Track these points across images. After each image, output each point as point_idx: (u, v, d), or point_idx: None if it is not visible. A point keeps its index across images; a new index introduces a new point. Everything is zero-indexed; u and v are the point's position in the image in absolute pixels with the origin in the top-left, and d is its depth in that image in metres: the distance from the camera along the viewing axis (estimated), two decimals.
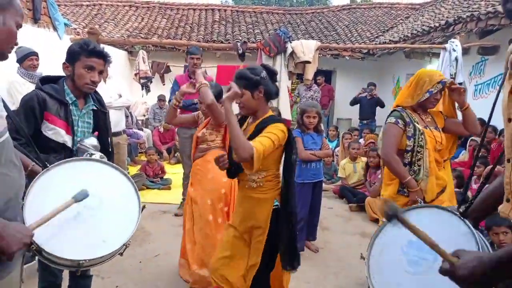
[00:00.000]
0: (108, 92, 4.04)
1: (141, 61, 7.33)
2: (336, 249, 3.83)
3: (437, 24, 7.32)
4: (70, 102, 2.06)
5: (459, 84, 5.65)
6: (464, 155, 5.56)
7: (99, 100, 2.24)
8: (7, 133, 1.25)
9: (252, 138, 1.94)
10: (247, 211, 2.15)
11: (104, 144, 2.23)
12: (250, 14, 13.15)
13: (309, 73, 5.90)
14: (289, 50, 5.52)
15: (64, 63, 2.06)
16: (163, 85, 8.61)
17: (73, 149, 2.07)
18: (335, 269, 3.39)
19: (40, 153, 1.67)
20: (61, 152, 2.02)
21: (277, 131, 1.95)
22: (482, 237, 1.25)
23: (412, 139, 2.38)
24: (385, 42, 9.46)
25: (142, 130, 8.16)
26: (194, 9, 13.21)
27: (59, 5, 7.48)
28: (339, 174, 5.91)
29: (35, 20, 5.34)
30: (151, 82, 7.65)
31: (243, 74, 2.06)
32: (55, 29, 5.84)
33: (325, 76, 9.59)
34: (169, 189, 5.75)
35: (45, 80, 2.11)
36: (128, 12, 12.58)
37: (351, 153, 5.74)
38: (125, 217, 1.63)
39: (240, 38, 9.86)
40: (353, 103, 8.53)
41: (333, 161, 6.49)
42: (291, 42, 5.61)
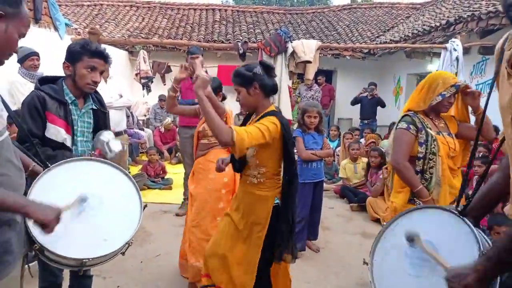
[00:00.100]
0: (109, 92, 4.05)
1: (142, 61, 7.33)
2: (337, 249, 3.83)
3: (438, 24, 7.31)
4: (70, 101, 2.07)
5: None
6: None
7: (99, 100, 2.25)
8: (6, 133, 1.25)
9: None
10: (247, 207, 2.16)
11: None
12: (250, 14, 13.15)
13: (310, 73, 5.90)
14: (290, 50, 5.52)
15: (64, 62, 2.06)
16: (164, 85, 8.63)
17: (72, 148, 2.08)
18: (336, 269, 3.39)
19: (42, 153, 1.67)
20: (60, 151, 2.02)
21: (267, 122, 1.95)
22: (483, 234, 1.25)
23: (424, 145, 2.27)
24: (386, 42, 9.45)
25: (143, 130, 8.17)
26: (194, 9, 13.21)
27: (60, 5, 7.49)
28: (340, 174, 5.91)
29: (36, 20, 5.34)
30: (152, 82, 7.65)
31: (237, 71, 2.09)
32: (56, 29, 5.84)
33: (325, 76, 9.57)
34: (170, 189, 5.75)
35: (44, 81, 2.12)
36: (129, 12, 12.59)
37: (351, 154, 5.73)
38: (126, 216, 1.64)
39: (240, 38, 9.85)
40: (354, 103, 8.52)
41: (334, 161, 6.49)
42: (291, 42, 5.61)
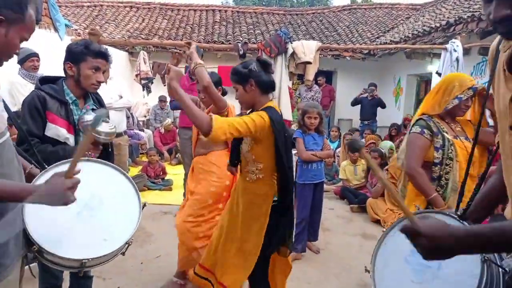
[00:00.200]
0: (109, 93, 4.04)
1: (142, 62, 7.33)
2: (337, 250, 3.82)
3: (438, 25, 7.31)
4: (70, 101, 2.07)
5: None
6: None
7: (98, 100, 2.25)
8: (8, 134, 1.25)
9: None
10: (247, 203, 2.17)
11: (104, 145, 2.23)
12: (250, 14, 13.16)
13: (310, 74, 5.89)
14: (289, 51, 5.51)
15: (67, 63, 2.05)
16: (164, 86, 8.60)
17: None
18: (336, 270, 3.39)
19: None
20: (60, 145, 2.02)
21: (254, 115, 1.95)
22: None
23: (440, 150, 2.16)
24: (386, 43, 9.46)
25: (143, 131, 8.17)
26: (194, 10, 13.22)
27: (60, 6, 7.49)
28: (340, 175, 5.90)
29: (36, 21, 5.33)
30: (152, 83, 7.65)
31: (234, 69, 2.11)
32: (56, 30, 5.85)
33: (326, 76, 9.58)
34: (170, 190, 5.75)
35: (44, 81, 2.11)
36: (129, 13, 12.60)
37: (350, 155, 5.73)
38: (126, 216, 1.64)
39: (240, 38, 9.86)
40: (354, 104, 8.53)
41: (334, 162, 6.48)
42: (291, 43, 5.60)
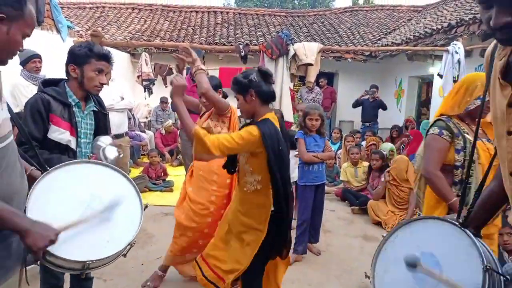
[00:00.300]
0: (110, 95, 4.06)
1: (144, 63, 7.33)
2: (338, 251, 3.82)
3: (439, 27, 7.31)
4: (73, 103, 2.08)
5: None
6: None
7: (99, 102, 2.26)
8: (11, 137, 1.25)
9: None
10: (245, 212, 2.16)
11: None
12: (252, 16, 13.18)
13: (311, 76, 5.89)
14: (291, 53, 5.52)
15: (70, 65, 2.06)
16: (166, 87, 8.62)
17: (76, 150, 2.08)
18: (337, 271, 3.39)
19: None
20: (64, 153, 2.03)
21: (244, 132, 1.97)
22: (486, 246, 1.23)
23: (462, 152, 2.04)
24: (388, 45, 9.46)
25: (144, 132, 8.19)
26: (196, 12, 13.25)
27: (62, 7, 7.51)
28: (341, 177, 5.90)
29: (39, 23, 5.36)
30: (153, 84, 7.66)
31: (235, 79, 2.12)
32: (58, 31, 5.87)
33: (327, 78, 9.58)
34: (171, 191, 5.75)
35: (47, 83, 2.12)
36: (131, 14, 12.63)
37: (351, 158, 5.72)
38: (127, 218, 1.64)
39: (242, 40, 9.87)
40: (355, 106, 8.52)
41: (335, 163, 6.48)
42: (293, 45, 5.61)
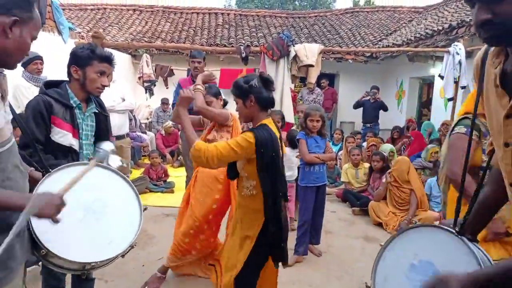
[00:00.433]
0: (111, 96, 4.07)
1: (145, 64, 7.36)
2: (339, 253, 3.82)
3: (440, 28, 7.31)
4: (75, 105, 2.08)
5: (463, 88, 5.68)
6: None
7: (99, 103, 2.27)
8: (13, 139, 1.26)
9: None
10: (242, 216, 2.18)
11: None
12: (253, 17, 13.19)
13: (312, 77, 5.90)
14: (292, 54, 5.52)
15: (73, 66, 2.06)
16: (167, 88, 8.66)
17: (79, 152, 2.09)
18: (338, 273, 3.38)
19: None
20: (67, 155, 2.03)
21: (241, 139, 1.98)
22: (484, 252, 1.23)
23: None
24: (388, 46, 9.46)
25: (145, 133, 8.19)
26: (197, 13, 13.26)
27: (63, 9, 7.53)
28: (342, 178, 5.90)
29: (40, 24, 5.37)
30: (154, 85, 7.69)
31: (235, 83, 2.13)
32: (59, 33, 5.88)
33: (328, 79, 9.59)
34: (172, 192, 5.76)
35: (48, 85, 2.12)
36: (132, 16, 12.65)
37: (352, 159, 5.72)
38: (128, 219, 1.66)
39: (243, 41, 9.89)
40: (356, 107, 8.52)
41: (336, 164, 6.47)
42: (294, 46, 5.61)
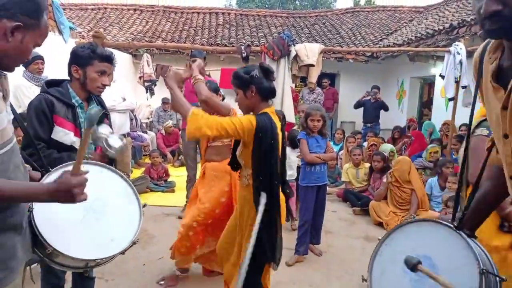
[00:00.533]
0: (112, 96, 4.07)
1: (145, 64, 7.34)
2: (339, 252, 3.82)
3: (441, 27, 7.31)
4: (77, 104, 2.08)
5: (463, 87, 5.67)
6: None
7: (100, 103, 2.27)
8: (15, 139, 1.26)
9: None
10: (241, 208, 2.18)
11: (111, 159, 2.25)
12: (253, 17, 13.19)
13: (313, 76, 5.89)
14: (292, 53, 5.52)
15: (73, 66, 2.06)
16: (167, 88, 8.65)
17: None
18: (339, 272, 3.38)
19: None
20: (69, 154, 2.03)
21: (244, 118, 1.97)
22: (481, 247, 1.23)
23: None
24: (389, 45, 9.45)
25: (146, 133, 8.20)
26: (198, 13, 13.26)
27: (64, 8, 7.52)
28: (342, 178, 5.90)
29: None
30: (155, 85, 7.67)
31: (236, 73, 2.12)
32: (60, 32, 5.87)
33: (329, 79, 9.59)
34: (173, 191, 5.76)
35: (49, 84, 2.12)
36: (133, 15, 12.66)
37: (353, 159, 5.72)
38: (127, 216, 1.69)
39: (244, 41, 9.89)
40: (357, 107, 8.52)
41: (337, 164, 6.47)
42: (294, 45, 5.61)
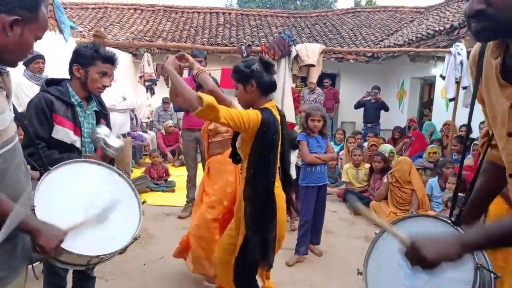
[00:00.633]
0: (113, 95, 4.06)
1: (146, 64, 7.35)
2: (340, 252, 3.82)
3: (442, 28, 7.30)
4: (76, 103, 2.08)
5: (464, 88, 5.67)
6: (469, 159, 5.53)
7: (100, 102, 2.27)
8: (17, 138, 1.26)
9: None
10: (239, 204, 2.18)
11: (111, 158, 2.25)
12: (254, 17, 13.18)
13: (313, 76, 5.89)
14: (293, 53, 5.52)
15: (75, 65, 2.06)
16: (168, 87, 8.62)
17: (81, 149, 2.09)
18: (339, 272, 3.38)
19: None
20: (71, 153, 2.03)
21: (251, 111, 1.95)
22: None
23: None
24: (390, 46, 9.45)
25: (146, 132, 8.20)
26: (198, 12, 13.26)
27: (65, 8, 7.53)
28: (342, 178, 5.89)
29: None
30: (155, 84, 7.68)
31: (236, 67, 2.10)
32: (61, 32, 5.88)
33: (329, 79, 9.60)
34: (173, 191, 5.76)
35: (49, 83, 2.12)
36: (133, 15, 12.66)
37: (353, 159, 5.72)
38: (127, 213, 1.70)
39: (244, 41, 9.88)
40: (357, 107, 8.52)
41: (337, 164, 6.47)
42: (295, 46, 5.61)
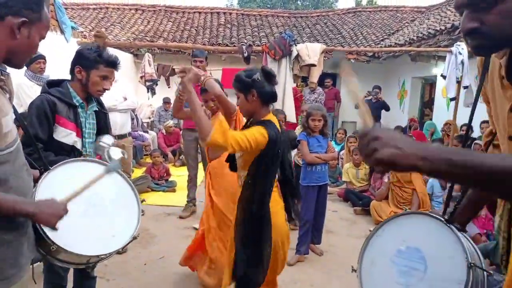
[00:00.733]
0: (113, 95, 4.06)
1: (147, 64, 7.36)
2: (340, 252, 3.82)
3: (443, 27, 7.29)
4: (78, 104, 2.09)
5: (465, 87, 5.66)
6: None
7: (99, 101, 2.29)
8: (19, 139, 1.27)
9: None
10: (235, 208, 2.17)
11: None
12: (255, 17, 13.18)
13: (314, 76, 5.90)
14: (294, 53, 5.52)
15: (77, 66, 2.06)
16: (169, 87, 8.66)
17: (82, 150, 2.09)
18: (340, 272, 3.38)
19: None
20: (70, 154, 2.03)
21: (256, 131, 1.92)
22: (471, 242, 1.23)
23: None
24: (391, 45, 9.44)
25: (147, 132, 8.21)
26: (199, 12, 13.26)
27: (66, 8, 7.54)
28: (343, 177, 5.89)
29: None
30: (156, 84, 7.69)
31: (237, 76, 2.08)
32: (62, 32, 5.88)
33: (331, 79, 9.58)
34: (174, 191, 5.77)
35: (50, 84, 2.12)
36: (134, 15, 12.67)
37: (354, 159, 5.72)
38: (127, 212, 1.70)
39: (245, 41, 9.88)
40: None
41: (338, 164, 6.47)
42: (296, 45, 5.62)
